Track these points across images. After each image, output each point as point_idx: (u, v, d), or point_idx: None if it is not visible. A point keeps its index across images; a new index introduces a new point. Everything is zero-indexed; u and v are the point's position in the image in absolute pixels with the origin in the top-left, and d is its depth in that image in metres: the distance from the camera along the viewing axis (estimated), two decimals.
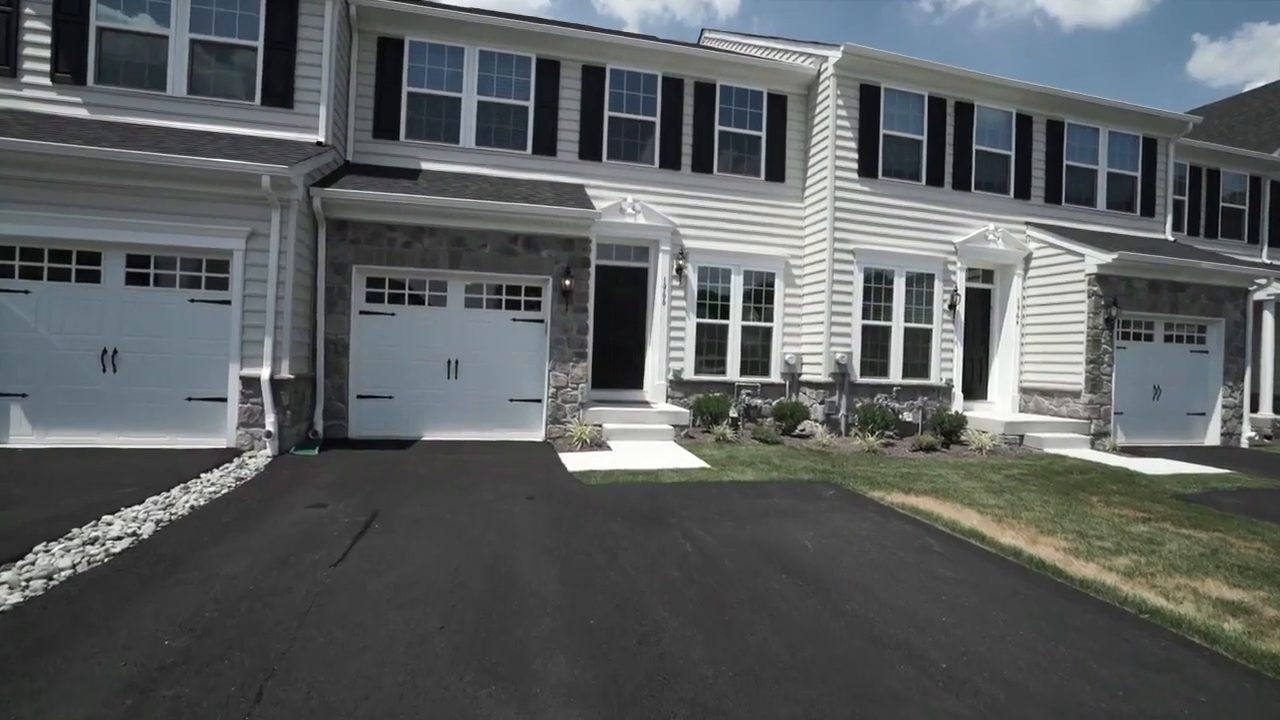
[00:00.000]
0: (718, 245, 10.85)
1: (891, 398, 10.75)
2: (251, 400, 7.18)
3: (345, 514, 4.96)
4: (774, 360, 11.12)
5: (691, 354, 10.70)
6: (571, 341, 8.87)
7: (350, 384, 8.30)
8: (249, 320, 7.19)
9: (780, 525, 5.13)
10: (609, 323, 10.54)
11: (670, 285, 10.58)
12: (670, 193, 10.69)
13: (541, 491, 5.94)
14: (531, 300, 8.96)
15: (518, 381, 8.89)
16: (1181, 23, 63.10)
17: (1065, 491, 6.88)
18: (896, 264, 10.86)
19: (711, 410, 9.79)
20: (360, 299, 8.44)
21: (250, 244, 7.18)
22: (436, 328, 8.66)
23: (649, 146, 10.70)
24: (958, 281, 11.21)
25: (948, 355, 11.20)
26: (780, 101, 11.22)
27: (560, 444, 8.47)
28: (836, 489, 6.57)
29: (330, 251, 8.20)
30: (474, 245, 8.58)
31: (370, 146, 9.65)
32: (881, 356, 10.85)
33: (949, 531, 5.18)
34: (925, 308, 11.10)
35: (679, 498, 5.89)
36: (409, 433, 8.52)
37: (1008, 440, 9.98)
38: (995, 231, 11.35)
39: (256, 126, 8.33)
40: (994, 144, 11.52)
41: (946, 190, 11.21)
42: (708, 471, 7.09)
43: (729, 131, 11.02)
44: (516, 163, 10.12)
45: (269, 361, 7.15)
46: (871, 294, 10.77)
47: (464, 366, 8.70)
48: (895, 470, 7.76)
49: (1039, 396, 11.25)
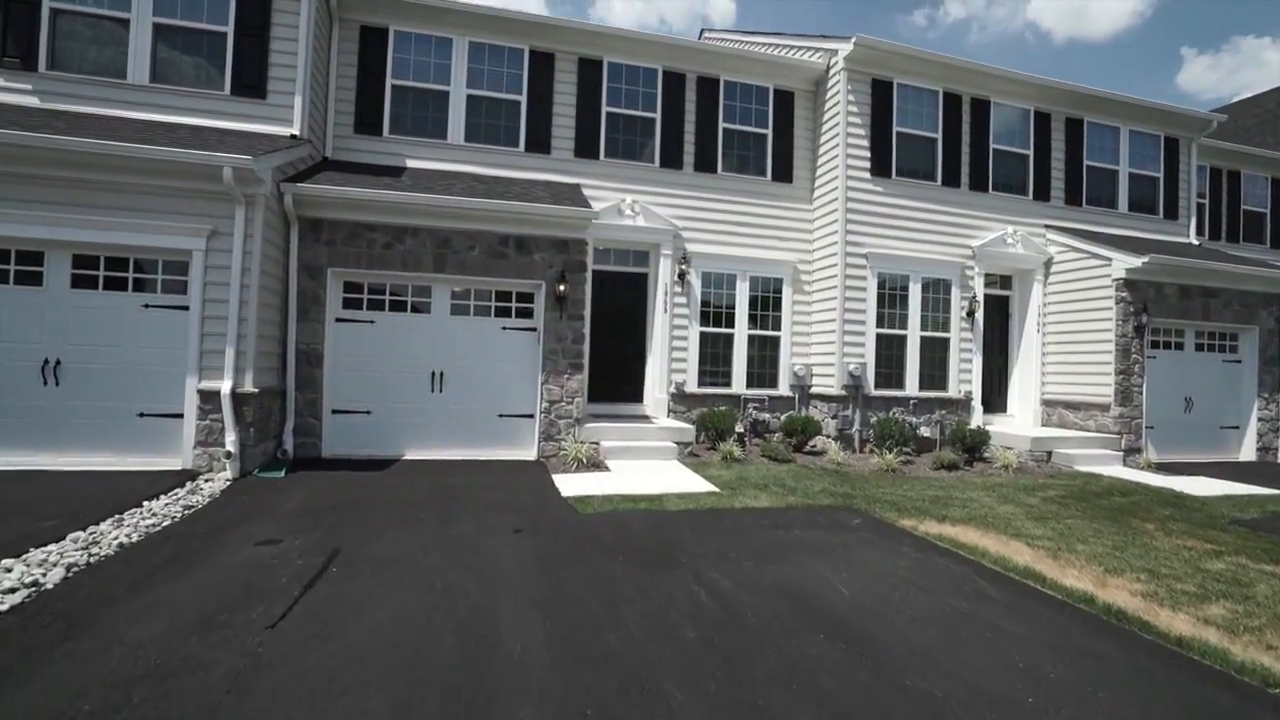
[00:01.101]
0: (722, 249, 10.20)
1: (908, 411, 10.08)
2: (211, 417, 6.46)
3: (301, 553, 4.24)
4: (782, 372, 10.45)
5: (695, 365, 10.03)
6: (566, 352, 8.18)
7: (324, 398, 7.59)
8: (209, 328, 6.49)
9: (807, 564, 4.43)
10: (607, 331, 9.86)
11: (672, 291, 9.92)
12: (672, 193, 10.05)
13: (531, 522, 5.23)
14: (523, 307, 8.28)
15: (508, 395, 8.19)
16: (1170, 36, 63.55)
17: (1113, 517, 6.20)
18: (911, 269, 10.23)
19: (717, 426, 9.10)
20: (336, 305, 7.74)
21: (212, 244, 6.49)
22: (419, 337, 7.96)
23: (649, 144, 10.07)
24: (976, 287, 10.58)
25: (966, 366, 10.54)
26: (787, 98, 10.63)
27: (554, 464, 7.76)
28: (862, 516, 5.87)
29: (303, 253, 7.51)
30: (461, 247, 7.91)
31: (351, 142, 9.00)
32: (897, 367, 10.19)
33: (1001, 571, 4.49)
34: (942, 315, 10.46)
35: (687, 529, 5.19)
36: (389, 451, 7.80)
37: (1034, 457, 9.30)
38: (1014, 235, 10.74)
39: (226, 118, 7.67)
40: (1011, 143, 10.93)
41: (963, 191, 10.61)
42: (717, 496, 6.39)
43: (733, 129, 10.41)
44: (508, 160, 9.47)
45: (231, 373, 6.44)
46: (886, 301, 10.12)
47: (450, 379, 8.00)
48: (921, 493, 7.07)
49: (1063, 409, 10.60)
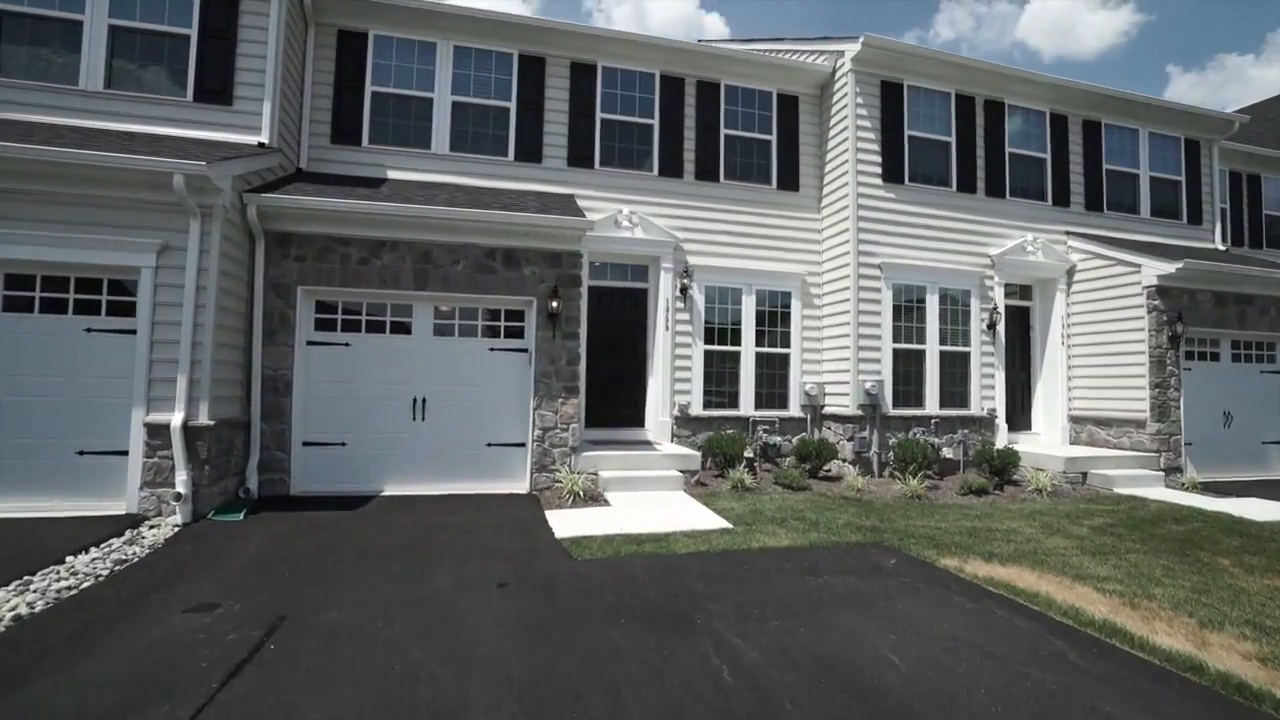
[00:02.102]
0: (726, 261, 9.59)
1: (929, 431, 9.38)
2: (160, 454, 5.74)
3: (236, 624, 3.51)
4: (793, 391, 9.77)
5: (699, 386, 9.34)
6: (560, 374, 7.51)
7: (294, 429, 6.88)
8: (160, 354, 5.81)
9: (845, 622, 3.71)
10: (604, 351, 9.20)
11: (674, 307, 9.27)
12: (672, 203, 9.46)
13: (519, 573, 4.51)
14: (513, 326, 7.62)
15: (497, 423, 7.48)
16: (1157, 55, 64.32)
17: (1178, 551, 5.48)
18: (928, 279, 9.61)
19: (725, 451, 8.39)
20: (307, 326, 7.07)
21: (163, 260, 5.84)
22: (399, 360, 7.28)
23: (647, 153, 9.51)
24: (996, 298, 9.95)
25: (989, 381, 9.88)
26: (791, 103, 10.10)
27: (548, 497, 7.04)
28: (897, 556, 5.15)
29: (270, 271, 6.86)
30: (444, 261, 7.27)
31: (328, 153, 8.40)
32: (915, 384, 9.51)
33: (1075, 626, 3.77)
34: (961, 328, 9.82)
35: (700, 577, 4.46)
36: (365, 486, 7.08)
37: (1069, 479, 8.59)
38: (1034, 242, 10.15)
39: (188, 126, 7.06)
40: (1028, 146, 10.39)
41: (979, 197, 10.04)
42: (731, 535, 5.67)
43: (736, 136, 9.86)
44: (497, 170, 8.88)
45: (183, 404, 5.74)
46: (902, 314, 9.48)
47: (433, 406, 7.31)
48: (955, 523, 6.36)
49: (1093, 426, 9.91)
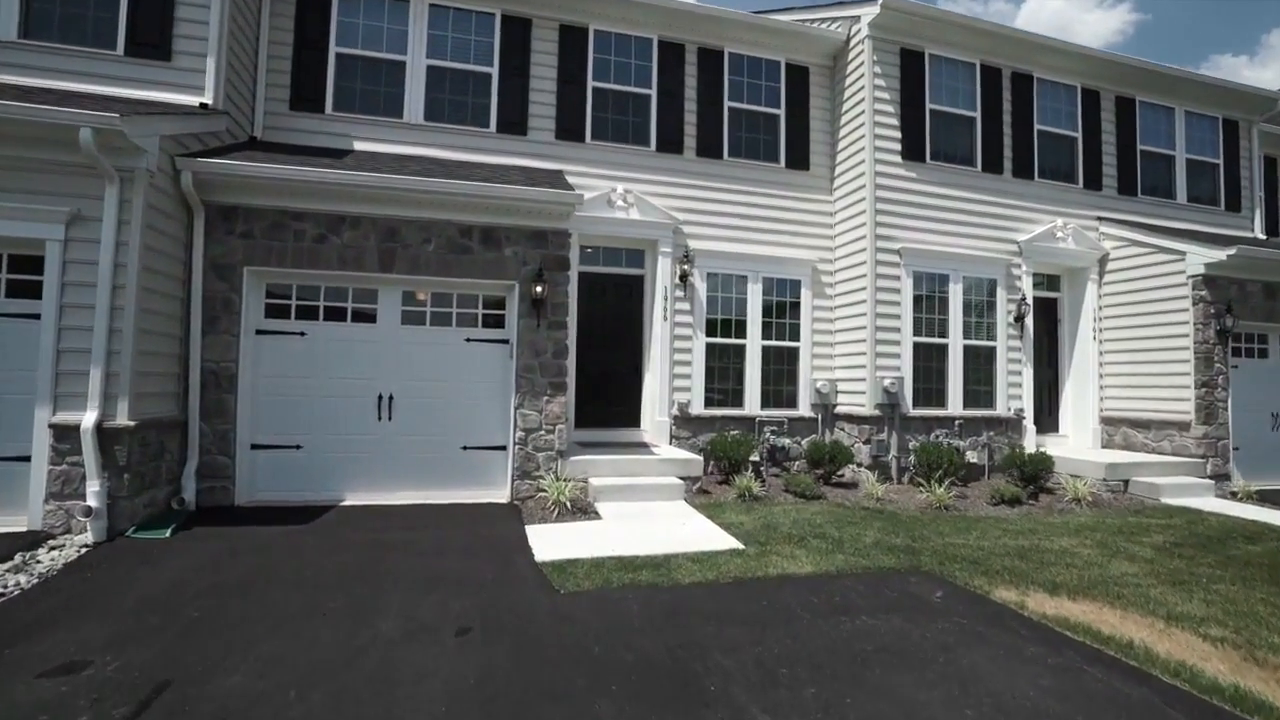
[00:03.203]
0: (730, 246, 8.72)
1: (953, 433, 8.56)
2: (69, 460, 4.86)
3: (101, 694, 2.65)
4: (802, 389, 8.93)
5: (700, 382, 8.49)
6: (545, 368, 6.65)
7: (239, 430, 6.00)
8: (69, 343, 4.92)
9: (902, 689, 2.87)
10: (596, 343, 8.34)
11: (673, 296, 8.42)
12: (671, 181, 8.59)
13: (486, 613, 3.65)
14: (492, 314, 6.75)
15: (474, 423, 6.62)
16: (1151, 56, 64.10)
17: (1272, 579, 4.66)
18: (951, 267, 8.77)
19: (729, 454, 7.55)
20: (256, 313, 6.19)
21: (74, 232, 4.94)
22: (363, 351, 6.41)
23: (643, 126, 8.63)
24: (1024, 288, 9.13)
25: (1016, 379, 9.06)
26: (801, 74, 9.23)
27: (531, 508, 6.18)
28: (942, 586, 4.32)
29: (211, 248, 5.97)
30: (413, 240, 6.39)
31: (287, 120, 7.49)
32: (938, 382, 8.68)
33: (1194, 693, 2.94)
34: (987, 321, 8.99)
35: (711, 619, 3.62)
36: (324, 495, 6.21)
37: (1109, 487, 7.78)
38: (1064, 228, 9.33)
39: (118, 83, 6.15)
40: (1058, 124, 9.56)
41: (1006, 178, 9.20)
42: (742, 557, 4.82)
43: (740, 109, 8.99)
44: (477, 143, 7.99)
45: (97, 402, 4.86)
46: (923, 304, 8.65)
47: (401, 403, 6.45)
48: (997, 541, 5.53)
49: (1128, 429, 9.11)
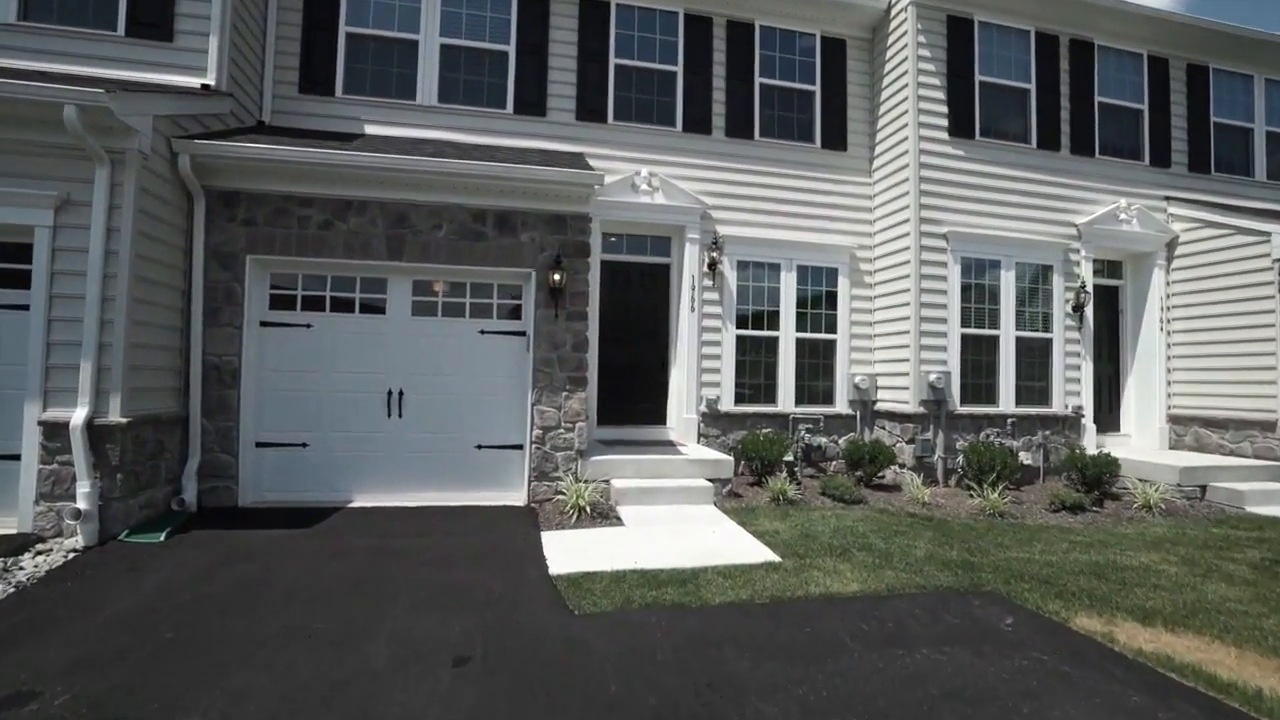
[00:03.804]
0: (762, 232, 8.17)
1: (1005, 433, 7.90)
2: (59, 459, 4.59)
3: None
4: (839, 384, 8.35)
5: (730, 377, 7.97)
6: (564, 361, 6.22)
7: (243, 427, 5.70)
8: (60, 335, 4.65)
9: None
10: (619, 337, 7.88)
11: (701, 285, 7.91)
12: (698, 164, 8.07)
13: (490, 637, 3.23)
14: (508, 304, 6.34)
15: (488, 420, 6.23)
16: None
17: None
18: (1003, 252, 8.09)
19: (762, 454, 7.03)
20: (260, 304, 5.88)
21: (64, 218, 4.66)
22: (371, 345, 6.06)
23: (669, 105, 8.12)
24: (1084, 275, 8.39)
25: (1074, 374, 8.34)
26: (838, 47, 8.61)
27: (548, 512, 5.76)
28: (1011, 610, 3.76)
29: (212, 236, 5.67)
30: (423, 226, 6.01)
31: (295, 104, 7.18)
32: (987, 377, 8.02)
33: None
34: (1042, 311, 8.29)
35: (746, 651, 3.14)
36: (331, 496, 5.89)
37: (1184, 493, 7.05)
38: (1128, 209, 8.55)
39: (117, 65, 5.88)
40: (1121, 95, 8.76)
41: (1063, 155, 8.46)
42: (779, 572, 4.31)
43: (773, 85, 8.41)
44: (493, 125, 7.58)
45: (88, 398, 4.58)
46: (972, 293, 7.99)
47: (412, 400, 6.08)
48: (1065, 555, 4.93)
49: (1200, 428, 8.32)
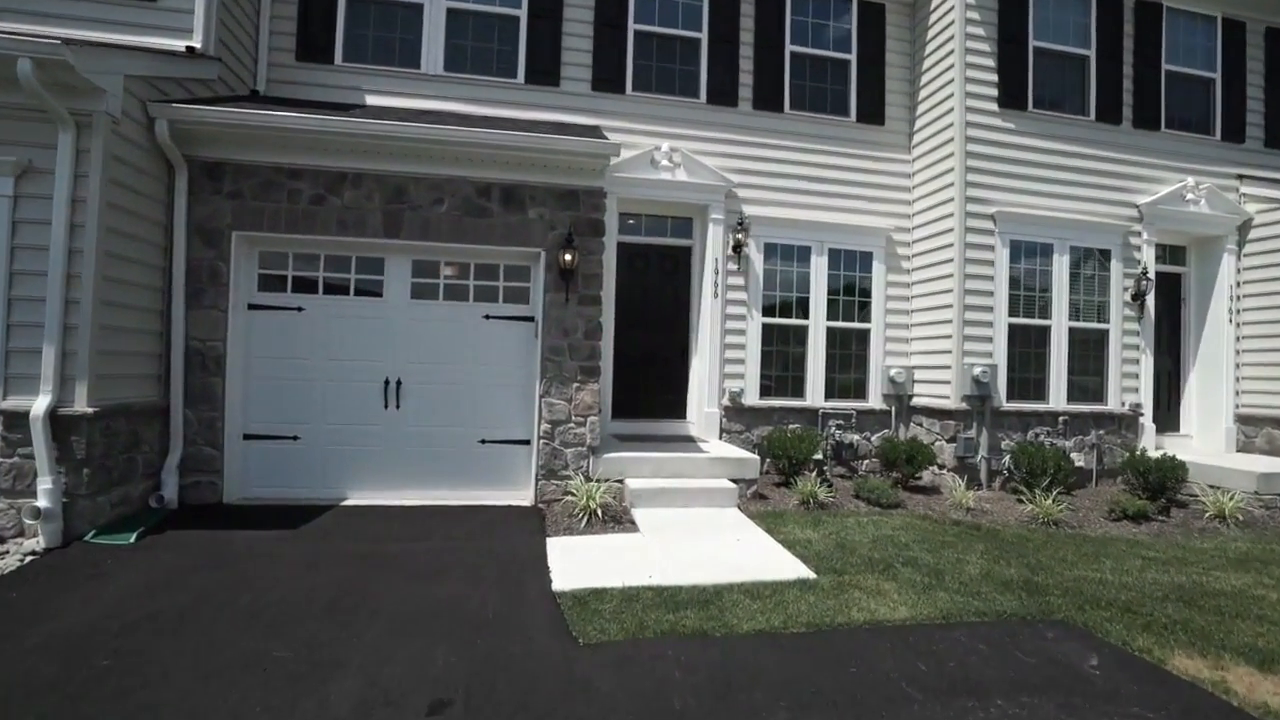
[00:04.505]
0: (791, 213, 7.56)
1: (1055, 432, 7.23)
2: (20, 452, 4.20)
3: None
4: (873, 377, 7.73)
5: (756, 369, 7.40)
6: (575, 350, 5.70)
7: (229, 417, 5.27)
8: (19, 315, 4.24)
9: None
10: (636, 324, 7.35)
11: (725, 270, 7.33)
12: (723, 138, 7.47)
13: (477, 674, 2.73)
14: (514, 287, 5.83)
15: (493, 413, 5.74)
16: None
17: None
18: (1056, 234, 7.39)
19: (790, 453, 6.46)
20: (248, 285, 5.44)
21: (25, 187, 4.25)
22: (368, 330, 5.60)
23: (692, 75, 7.52)
24: (1145, 260, 7.66)
25: (1132, 369, 7.63)
26: (876, 12, 7.92)
27: (556, 514, 5.27)
28: (1091, 645, 3.18)
29: (196, 210, 5.22)
30: (422, 201, 5.51)
31: (292, 73, 6.72)
32: (1036, 371, 7.35)
33: None
34: (1097, 299, 7.58)
35: (779, 696, 2.60)
36: (324, 493, 5.46)
37: (1263, 501, 6.36)
38: (1196, 188, 7.77)
39: (94, 26, 5.40)
40: (1191, 63, 7.97)
41: (1125, 129, 7.71)
42: (815, 592, 3.76)
43: (804, 54, 7.76)
44: (502, 95, 7.05)
45: (51, 385, 4.17)
46: (1021, 280, 7.32)
47: (411, 390, 5.62)
48: (1140, 574, 4.31)
49: (1273, 429, 7.57)
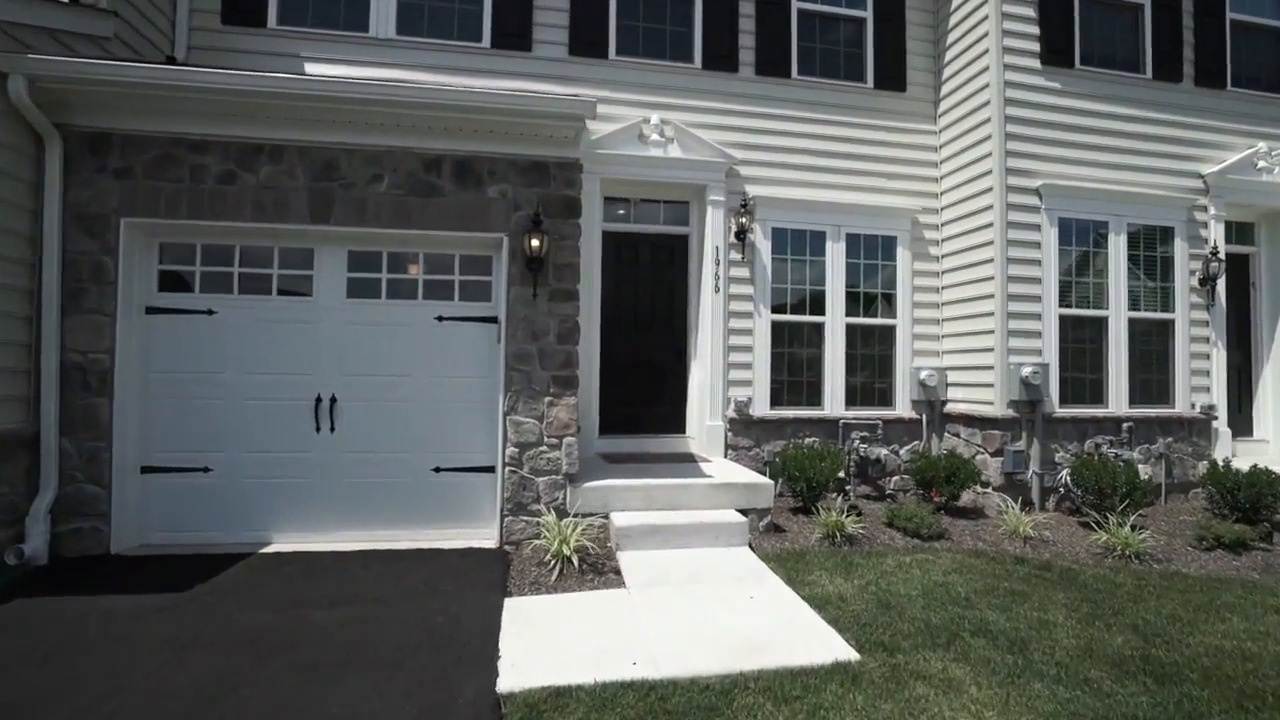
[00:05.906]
0: (802, 192, 6.56)
1: (1118, 440, 6.19)
2: None
3: None
4: (900, 381, 6.71)
5: (765, 374, 6.38)
6: (547, 356, 4.69)
7: (118, 447, 4.28)
8: None
9: None
10: (626, 324, 6.35)
11: (727, 260, 6.33)
12: (722, 109, 6.47)
13: None
14: (473, 281, 4.84)
15: (449, 435, 4.74)
16: None
17: None
18: (1111, 210, 6.37)
19: (808, 474, 5.40)
20: (144, 283, 4.45)
21: None
22: (295, 337, 4.60)
23: (685, 36, 6.53)
24: (1214, 238, 6.63)
25: (1202, 365, 6.60)
26: None
27: (524, 560, 4.25)
28: None
29: (73, 193, 4.24)
30: (358, 178, 4.52)
31: (217, 38, 5.75)
32: (1092, 369, 6.32)
33: None
34: (1159, 285, 6.55)
35: None
36: (243, 536, 4.46)
37: None
38: (1270, 154, 6.74)
39: None
40: (1260, 11, 6.94)
41: (1185, 88, 6.68)
42: (862, 688, 2.72)
43: (814, 10, 6.77)
44: (466, 61, 6.07)
45: None
46: (1073, 264, 6.29)
47: (348, 409, 4.62)
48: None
49: None
